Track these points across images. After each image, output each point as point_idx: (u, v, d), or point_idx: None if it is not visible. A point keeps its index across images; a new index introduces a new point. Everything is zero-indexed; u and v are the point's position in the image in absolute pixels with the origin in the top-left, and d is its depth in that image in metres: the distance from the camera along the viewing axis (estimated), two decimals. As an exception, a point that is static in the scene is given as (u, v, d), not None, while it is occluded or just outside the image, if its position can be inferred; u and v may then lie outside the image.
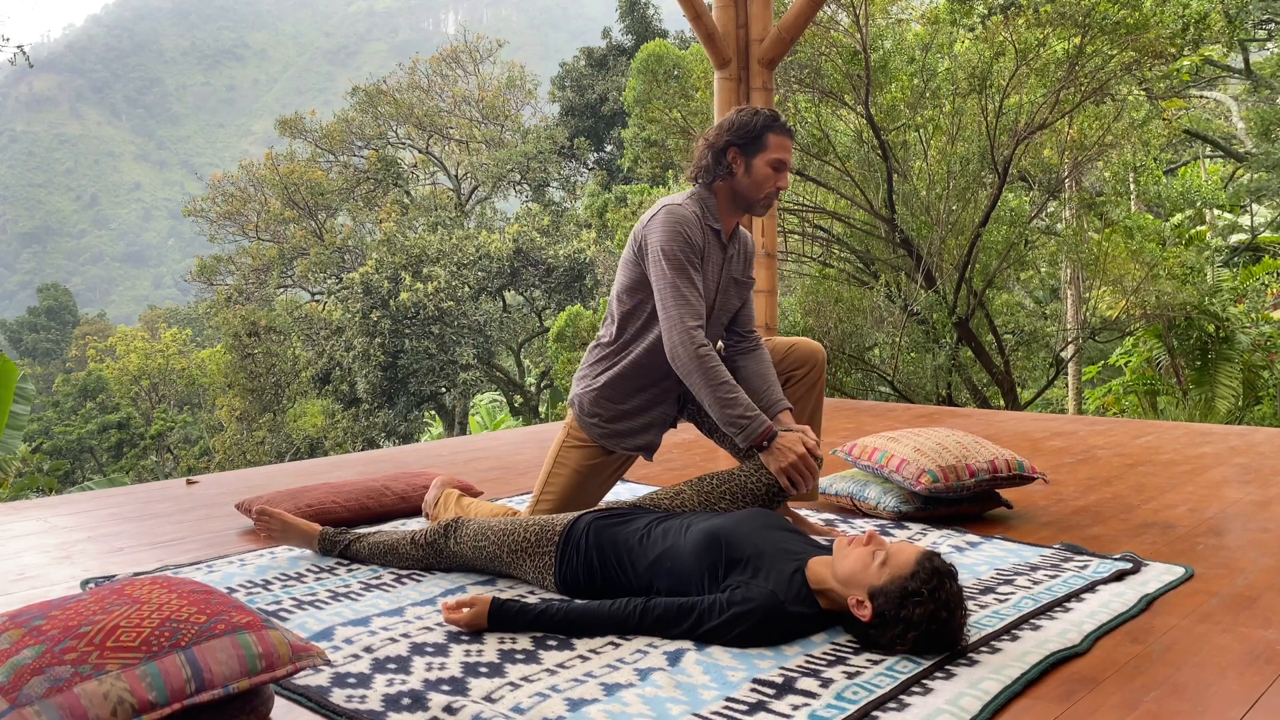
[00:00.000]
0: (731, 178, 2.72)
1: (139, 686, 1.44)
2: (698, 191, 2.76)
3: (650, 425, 2.81)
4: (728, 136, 2.71)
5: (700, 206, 2.71)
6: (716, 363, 2.61)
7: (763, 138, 2.70)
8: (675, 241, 2.62)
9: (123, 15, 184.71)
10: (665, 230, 2.64)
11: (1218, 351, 11.03)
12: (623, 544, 2.25)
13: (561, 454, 2.82)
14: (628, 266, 2.76)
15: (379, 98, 23.94)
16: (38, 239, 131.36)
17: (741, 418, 2.57)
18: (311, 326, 19.50)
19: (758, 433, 2.56)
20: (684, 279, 2.61)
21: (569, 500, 2.79)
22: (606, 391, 2.76)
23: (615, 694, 1.79)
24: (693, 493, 2.52)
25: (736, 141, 2.70)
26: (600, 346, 2.82)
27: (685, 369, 2.61)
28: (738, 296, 2.87)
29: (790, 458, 2.53)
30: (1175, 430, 4.88)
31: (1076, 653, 1.96)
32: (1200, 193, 14.11)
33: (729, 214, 2.77)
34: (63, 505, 3.72)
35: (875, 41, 9.96)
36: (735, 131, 2.71)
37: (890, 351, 10.57)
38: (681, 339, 2.59)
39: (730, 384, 2.60)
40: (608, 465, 2.83)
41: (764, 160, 2.71)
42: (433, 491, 3.10)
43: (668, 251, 2.62)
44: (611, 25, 23.32)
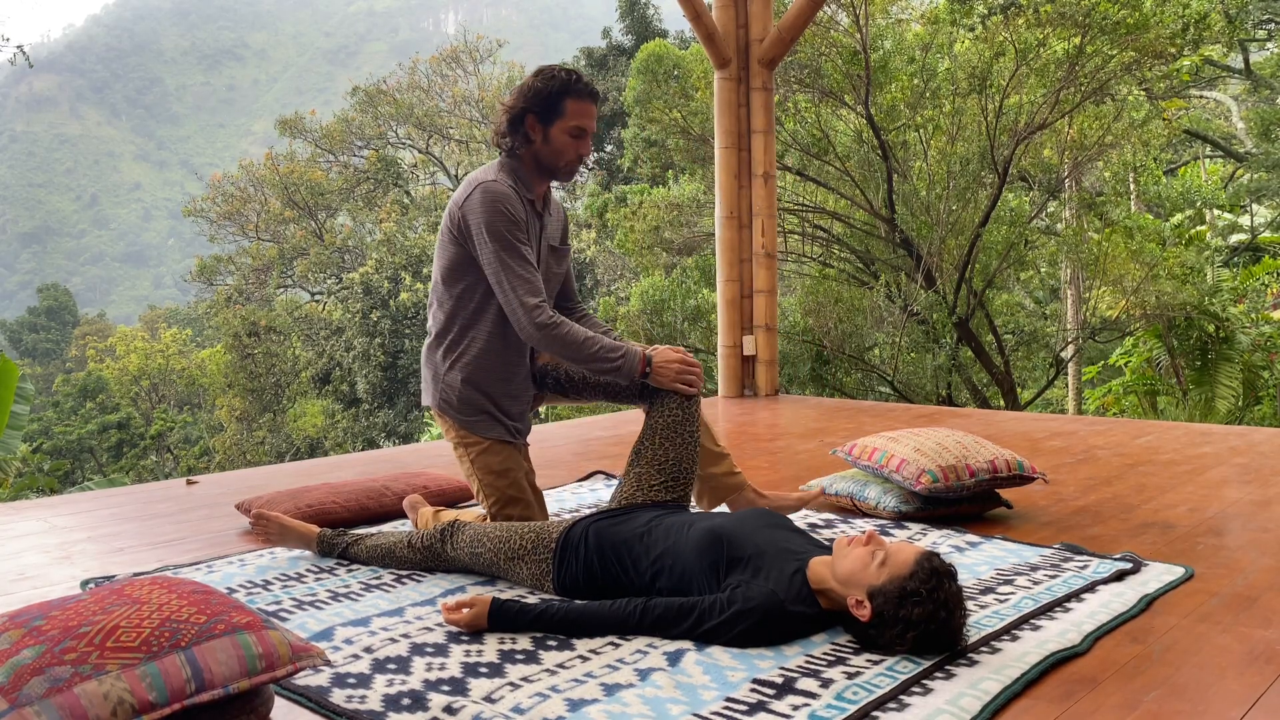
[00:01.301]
0: (531, 146, 2.62)
1: (139, 686, 1.44)
2: (506, 162, 2.66)
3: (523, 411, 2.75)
4: (524, 104, 2.60)
5: (513, 179, 2.63)
6: (567, 327, 2.55)
7: (560, 104, 2.58)
8: (499, 220, 2.54)
9: (123, 15, 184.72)
10: (486, 209, 2.55)
11: (1218, 351, 11.03)
12: (624, 544, 2.25)
13: (474, 465, 2.71)
14: (446, 248, 2.66)
15: (379, 98, 23.95)
16: (38, 239, 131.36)
17: (613, 361, 2.54)
18: (311, 326, 19.50)
19: (636, 364, 2.54)
20: (515, 256, 2.54)
21: (514, 498, 2.71)
22: (471, 386, 2.67)
23: (615, 694, 1.79)
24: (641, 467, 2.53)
25: (533, 109, 2.59)
26: (438, 338, 2.71)
27: (539, 344, 2.57)
28: (558, 265, 2.81)
29: (674, 366, 2.53)
30: (1175, 430, 4.88)
31: (1076, 653, 1.96)
32: (1200, 193, 14.11)
33: (537, 182, 2.68)
34: (63, 505, 3.72)
35: (875, 41, 9.96)
36: (531, 98, 2.60)
37: (890, 351, 10.57)
38: (526, 319, 2.53)
39: (589, 339, 2.55)
40: (517, 452, 2.74)
41: (561, 128, 2.60)
42: (410, 513, 3.07)
43: (493, 231, 2.53)
44: (611, 25, 23.31)
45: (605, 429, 5.19)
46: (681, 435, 2.57)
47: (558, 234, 2.81)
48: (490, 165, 2.69)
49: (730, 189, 6.03)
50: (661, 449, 2.55)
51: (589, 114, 2.62)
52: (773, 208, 6.07)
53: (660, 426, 2.58)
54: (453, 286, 2.67)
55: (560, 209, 2.85)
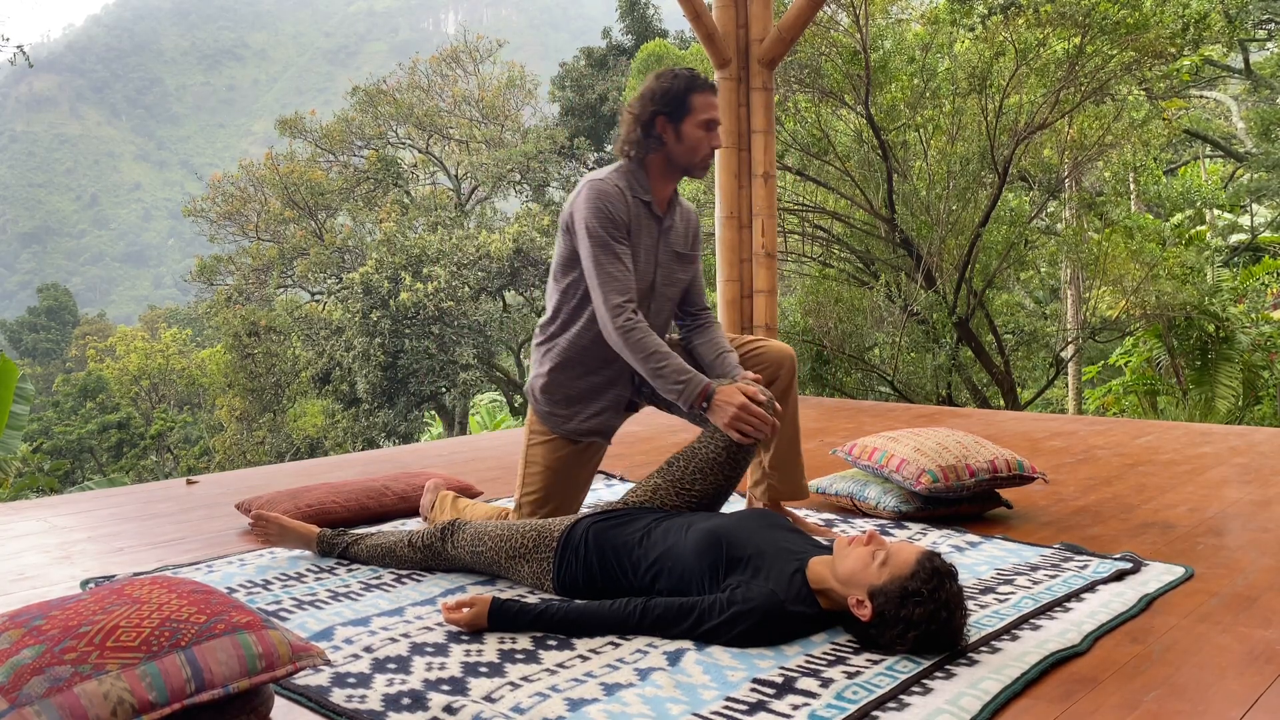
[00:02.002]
0: (664, 147, 2.66)
1: (139, 686, 1.44)
2: (624, 165, 2.69)
3: (605, 409, 2.74)
4: (653, 106, 2.64)
5: (626, 179, 2.65)
6: (645, 334, 2.55)
7: (687, 100, 2.64)
8: (597, 217, 2.57)
9: (123, 15, 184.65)
10: (587, 206, 2.59)
11: (1218, 351, 11.03)
12: (623, 546, 2.25)
13: (529, 452, 2.77)
14: (560, 245, 2.71)
15: (379, 98, 23.93)
16: (38, 239, 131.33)
17: (676, 383, 2.52)
18: (311, 326, 19.49)
19: (696, 393, 2.51)
20: (607, 254, 2.56)
21: (550, 497, 2.73)
22: (555, 376, 2.71)
23: (615, 694, 1.79)
24: (664, 480, 2.48)
25: (663, 110, 2.64)
26: (542, 329, 2.76)
27: (616, 345, 2.57)
28: (683, 271, 2.80)
29: (731, 410, 2.44)
30: (1175, 430, 4.87)
31: (1076, 653, 1.96)
32: (1200, 193, 14.11)
33: (663, 183, 2.70)
34: (63, 505, 3.72)
35: (875, 41, 9.96)
36: (660, 100, 2.64)
37: (890, 351, 10.57)
38: (608, 316, 2.54)
39: (661, 352, 2.54)
40: (577, 456, 2.76)
41: (693, 124, 2.65)
42: (427, 495, 3.09)
43: (590, 228, 2.57)
44: (611, 25, 23.31)
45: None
46: (719, 474, 2.47)
47: (684, 240, 2.81)
48: (608, 168, 2.72)
49: (730, 189, 6.03)
50: (691, 478, 2.47)
51: (715, 106, 2.68)
52: (773, 208, 6.07)
53: (702, 458, 2.48)
54: (560, 280, 2.72)
55: (691, 215, 2.85)
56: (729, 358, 2.71)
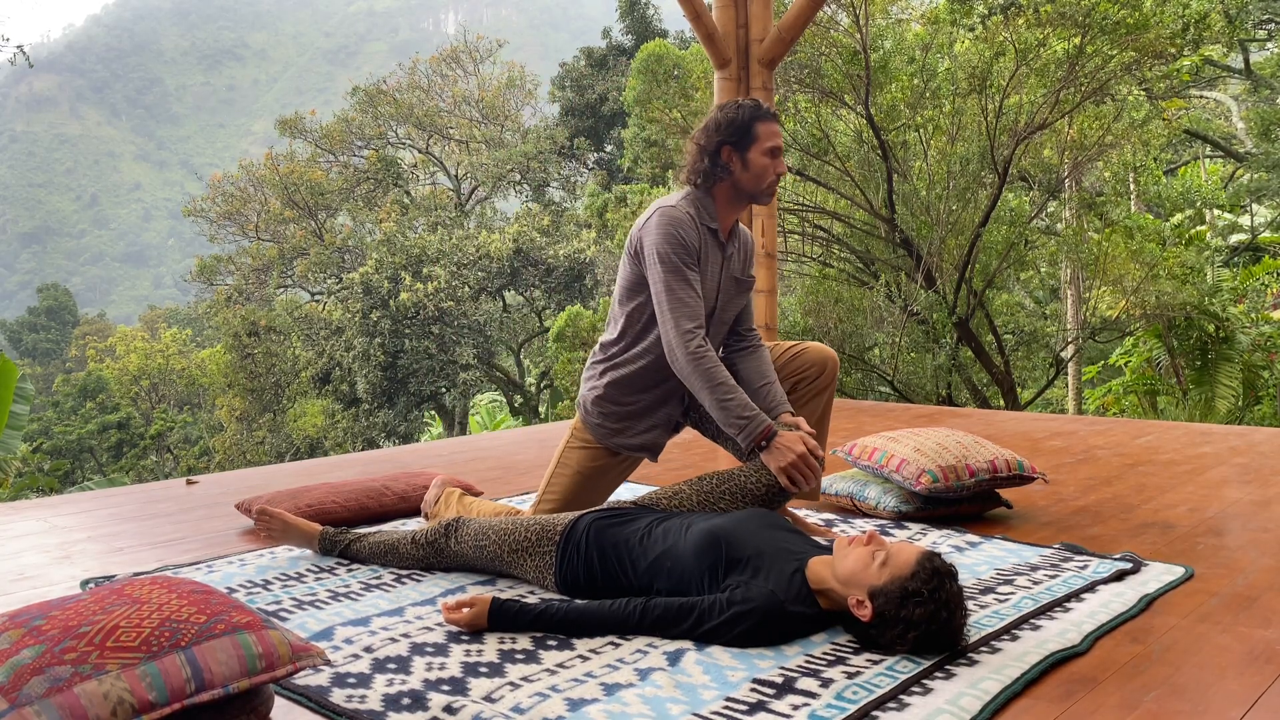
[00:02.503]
0: (730, 176, 2.70)
1: (139, 686, 1.44)
2: (693, 193, 2.74)
3: (654, 426, 2.80)
4: (719, 136, 2.70)
5: (695, 207, 2.70)
6: (714, 364, 2.60)
7: (753, 129, 2.69)
8: (669, 244, 2.61)
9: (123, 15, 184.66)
10: (659, 232, 2.63)
11: (1218, 351, 11.03)
12: (623, 544, 2.25)
13: (565, 454, 2.82)
14: (626, 268, 2.76)
15: (379, 98, 23.93)
16: (38, 239, 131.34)
17: (740, 418, 2.55)
18: (311, 326, 19.49)
19: (757, 432, 2.54)
20: (679, 280, 2.61)
21: (571, 501, 2.79)
22: (610, 393, 2.76)
23: (615, 694, 1.79)
24: (692, 492, 2.50)
25: (729, 140, 2.68)
26: (603, 347, 2.82)
27: (683, 371, 2.60)
28: (740, 296, 2.85)
29: (790, 457, 2.50)
30: (1175, 430, 4.87)
31: (1076, 653, 1.96)
32: (1200, 193, 14.11)
33: (728, 212, 2.75)
34: (63, 505, 3.72)
35: (875, 41, 9.96)
36: (725, 130, 2.69)
37: (890, 351, 10.57)
38: (678, 342, 2.58)
39: (728, 385, 2.59)
40: (612, 467, 2.82)
41: (759, 152, 2.69)
42: (433, 490, 3.10)
43: (662, 254, 2.61)
44: (611, 25, 23.31)
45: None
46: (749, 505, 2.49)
47: (743, 266, 2.85)
48: (676, 194, 2.76)
49: (730, 189, 6.02)
50: (720, 497, 2.49)
51: (779, 134, 2.74)
52: (773, 208, 6.07)
53: (737, 485, 2.50)
54: (626, 304, 2.76)
55: (748, 241, 2.88)
56: (775, 390, 2.75)
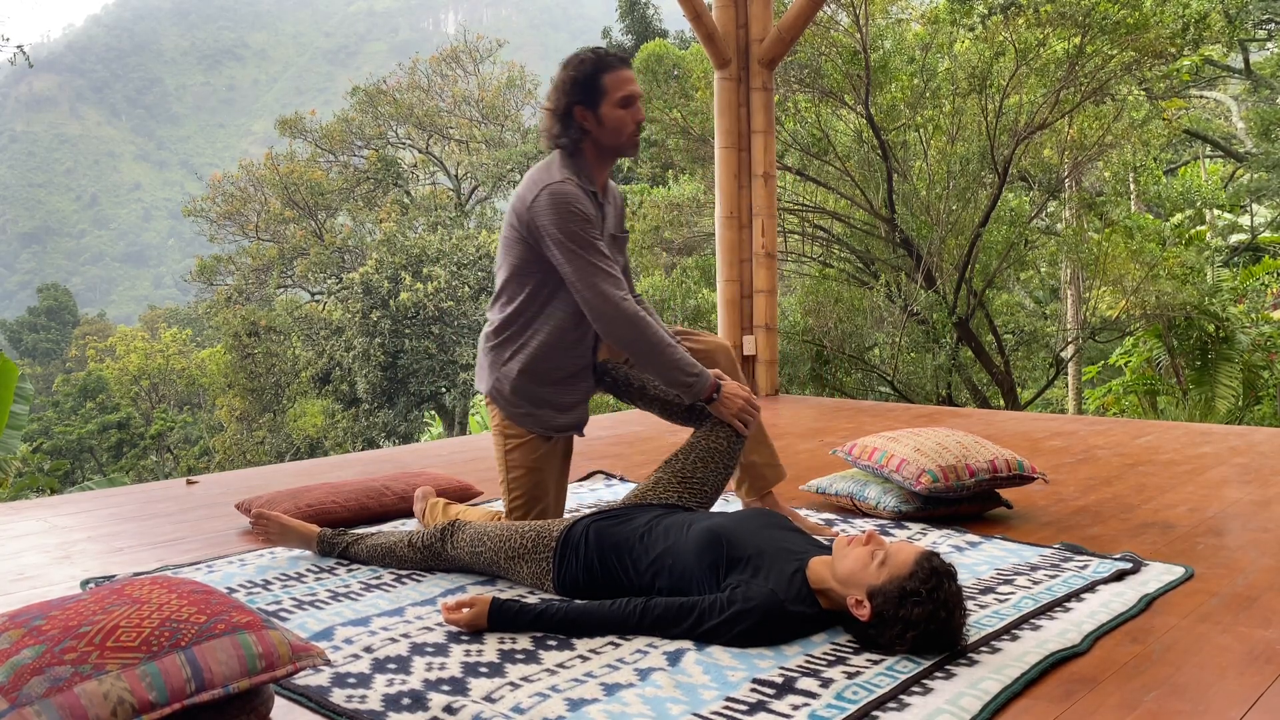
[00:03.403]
0: (589, 135, 2.62)
1: (139, 686, 1.44)
2: (564, 159, 2.65)
3: (577, 402, 2.74)
4: (567, 98, 2.61)
5: (577, 174, 2.62)
6: (654, 324, 2.58)
7: (599, 82, 2.59)
8: (573, 222, 2.54)
9: (123, 15, 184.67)
10: (556, 212, 2.55)
11: (1218, 351, 11.03)
12: (623, 544, 2.25)
13: (508, 458, 2.75)
14: (513, 247, 2.67)
15: (379, 98, 23.94)
16: (38, 239, 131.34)
17: (688, 375, 2.56)
18: (311, 326, 19.49)
19: (706, 386, 2.56)
20: (594, 253, 2.56)
21: (539, 498, 2.74)
22: (524, 378, 2.69)
23: (615, 694, 1.79)
24: (669, 477, 2.53)
25: (577, 99, 2.60)
26: (498, 331, 2.73)
27: (625, 338, 2.56)
28: (620, 254, 2.80)
29: (739, 403, 2.56)
30: (1175, 430, 4.87)
31: (1076, 653, 1.96)
32: (1200, 193, 14.11)
33: (600, 171, 2.69)
34: (63, 505, 3.72)
35: (875, 41, 9.96)
36: (572, 90, 2.60)
37: (890, 351, 10.57)
38: (615, 312, 2.54)
39: (672, 345, 2.57)
40: (553, 452, 2.77)
41: (610, 105, 2.60)
42: (418, 504, 3.09)
43: (569, 233, 2.54)
44: (611, 25, 23.31)
45: (605, 429, 5.19)
46: (720, 463, 2.58)
47: (616, 221, 2.81)
48: (550, 163, 2.67)
49: (730, 189, 6.03)
50: (693, 467, 2.56)
51: (629, 80, 2.63)
52: (773, 208, 6.08)
53: (703, 449, 2.58)
54: (522, 283, 2.68)
55: (617, 195, 2.84)
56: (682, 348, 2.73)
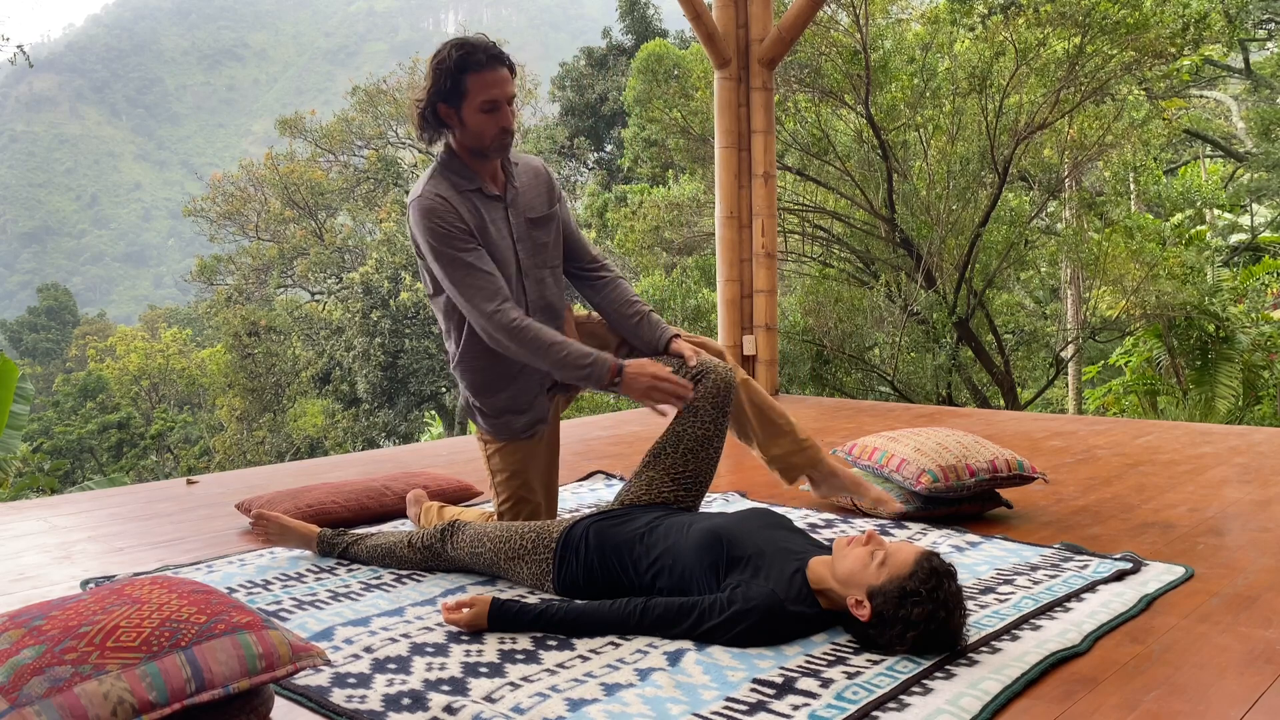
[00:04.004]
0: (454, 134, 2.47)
1: (139, 686, 1.44)
2: (441, 161, 2.52)
3: (531, 401, 2.68)
4: (427, 97, 2.43)
5: (447, 179, 2.49)
6: (533, 329, 2.46)
7: (460, 83, 2.39)
8: (434, 237, 2.45)
9: (123, 15, 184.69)
10: (419, 228, 2.47)
11: (1218, 351, 11.03)
12: (624, 545, 2.25)
13: (490, 462, 2.74)
14: (421, 271, 2.63)
15: (379, 97, 23.94)
16: (38, 239, 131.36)
17: (580, 367, 2.44)
18: (311, 326, 19.50)
19: (605, 374, 2.44)
20: (458, 266, 2.45)
21: (524, 499, 2.73)
22: (474, 393, 2.66)
23: (615, 694, 1.79)
24: (657, 473, 2.48)
25: (439, 97, 2.42)
26: (450, 352, 2.70)
27: (509, 349, 2.48)
28: (544, 234, 2.63)
29: (645, 381, 2.40)
30: (1175, 430, 4.87)
31: (1076, 653, 1.96)
32: (1200, 193, 14.12)
33: (480, 166, 2.52)
34: (63, 505, 3.72)
35: (875, 41, 9.96)
36: (433, 89, 2.41)
37: (890, 351, 10.57)
38: (490, 325, 2.46)
39: (557, 342, 2.45)
40: (534, 451, 2.74)
41: (471, 109, 2.41)
42: (411, 508, 3.09)
43: (434, 250, 2.46)
44: (611, 25, 23.31)
45: (605, 429, 5.19)
46: (707, 450, 2.49)
47: (537, 202, 2.63)
48: (428, 169, 2.55)
49: (730, 189, 6.03)
50: (682, 460, 2.48)
51: (495, 83, 2.41)
52: (773, 208, 6.07)
53: (687, 437, 2.49)
54: (437, 302, 2.64)
55: (537, 173, 2.66)
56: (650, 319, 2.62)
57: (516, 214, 2.57)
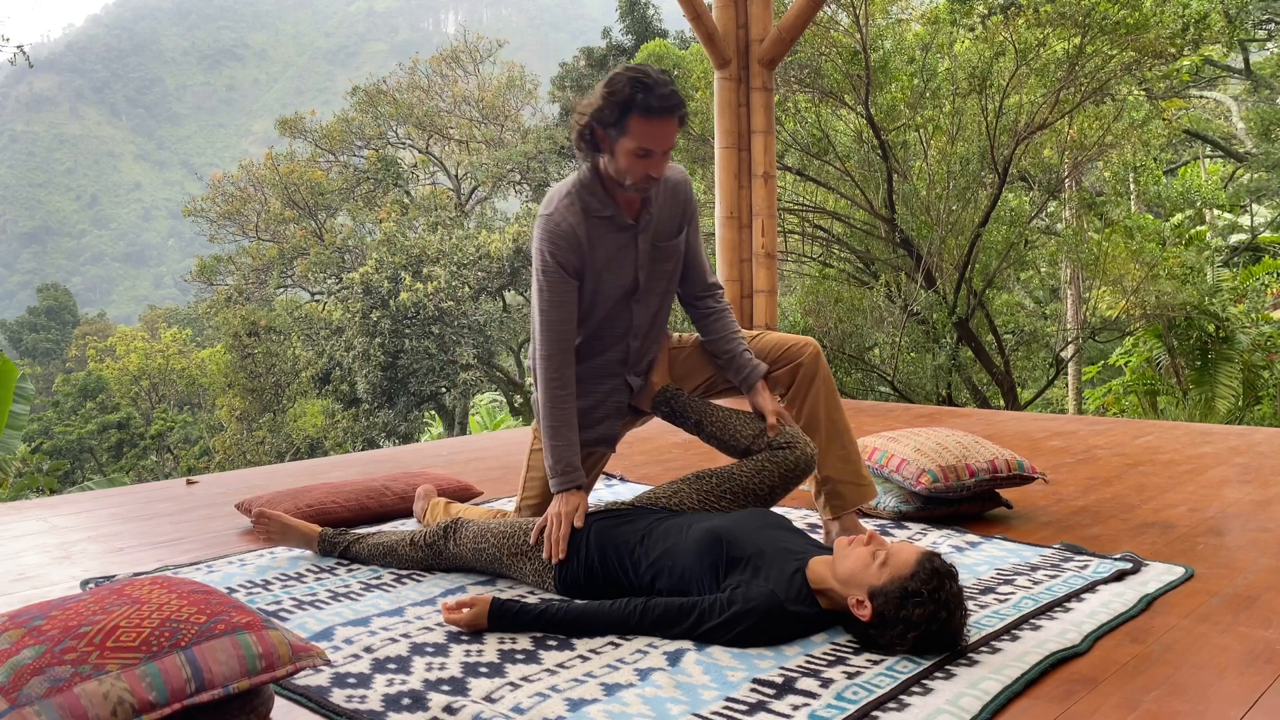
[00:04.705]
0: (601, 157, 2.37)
1: (139, 686, 1.44)
2: (582, 179, 2.43)
3: (604, 418, 2.65)
4: (588, 119, 2.33)
5: (581, 202, 2.41)
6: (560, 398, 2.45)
7: (624, 121, 2.26)
8: (542, 260, 2.42)
9: (123, 15, 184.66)
10: (537, 243, 2.43)
11: (1218, 351, 11.03)
12: (624, 544, 2.25)
13: (532, 458, 2.72)
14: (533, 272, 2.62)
15: (379, 98, 23.92)
16: (38, 239, 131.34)
17: (552, 465, 2.43)
18: (311, 326, 19.49)
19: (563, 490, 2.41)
20: (548, 300, 2.42)
21: (545, 505, 2.70)
22: None
23: (615, 694, 1.79)
24: (691, 491, 2.45)
25: (600, 123, 2.31)
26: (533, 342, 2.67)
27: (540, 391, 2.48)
28: (670, 259, 2.56)
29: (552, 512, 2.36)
30: (1175, 430, 4.87)
31: (1076, 653, 1.96)
32: (1200, 193, 14.12)
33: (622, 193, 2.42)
34: (63, 505, 3.72)
35: (875, 41, 9.96)
36: (596, 112, 2.30)
37: (890, 351, 10.57)
38: (537, 362, 2.46)
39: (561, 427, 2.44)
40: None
41: (624, 150, 2.29)
42: (419, 502, 3.09)
43: (538, 270, 2.44)
44: (611, 25, 23.30)
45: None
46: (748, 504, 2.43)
47: (668, 226, 2.53)
48: (569, 180, 2.47)
49: (730, 189, 6.03)
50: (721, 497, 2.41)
51: (658, 135, 2.27)
52: (773, 208, 6.07)
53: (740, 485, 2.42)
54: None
55: (675, 192, 2.53)
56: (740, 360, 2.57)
57: (645, 241, 2.50)
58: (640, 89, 2.24)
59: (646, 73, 2.29)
